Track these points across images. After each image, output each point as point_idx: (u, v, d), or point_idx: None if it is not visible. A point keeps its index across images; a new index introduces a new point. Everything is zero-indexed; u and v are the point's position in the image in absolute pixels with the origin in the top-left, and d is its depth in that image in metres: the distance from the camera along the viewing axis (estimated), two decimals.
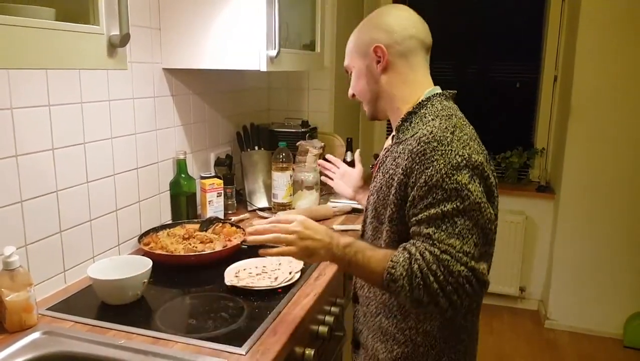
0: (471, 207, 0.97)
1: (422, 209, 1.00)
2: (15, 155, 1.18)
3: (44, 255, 1.28)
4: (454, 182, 0.97)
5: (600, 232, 3.05)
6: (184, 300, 1.33)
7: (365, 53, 1.16)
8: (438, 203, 0.98)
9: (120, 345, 1.07)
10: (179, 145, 1.84)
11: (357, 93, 1.23)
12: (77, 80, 1.35)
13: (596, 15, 2.84)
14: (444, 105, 1.11)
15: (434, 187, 0.98)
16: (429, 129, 1.03)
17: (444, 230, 0.98)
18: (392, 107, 1.18)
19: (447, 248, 0.97)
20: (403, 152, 1.06)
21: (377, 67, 1.15)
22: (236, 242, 1.57)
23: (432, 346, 1.12)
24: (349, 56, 1.22)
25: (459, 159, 0.98)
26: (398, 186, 1.04)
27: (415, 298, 0.98)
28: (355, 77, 1.21)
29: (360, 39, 1.19)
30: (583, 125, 2.98)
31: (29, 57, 0.80)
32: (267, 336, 1.11)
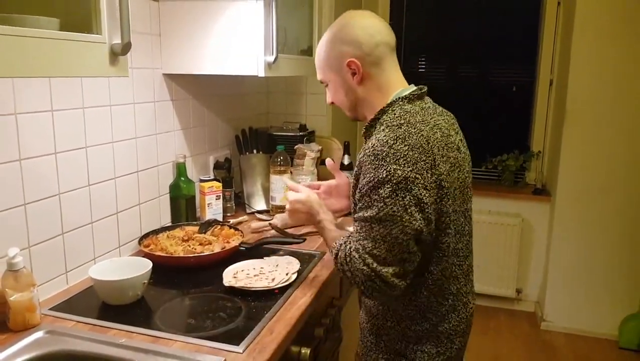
0: (386, 218, 1.09)
1: (357, 210, 1.17)
2: (19, 159, 1.21)
3: (47, 257, 1.31)
4: (375, 193, 1.10)
5: (596, 234, 3.08)
6: (183, 300, 1.36)
7: (339, 68, 1.23)
8: (363, 208, 1.13)
9: (121, 343, 1.10)
10: (179, 149, 1.88)
11: (337, 102, 1.31)
12: (79, 86, 1.38)
13: (591, 20, 2.88)
14: (403, 110, 1.18)
15: (364, 195, 1.13)
16: (375, 141, 1.13)
17: (363, 232, 1.13)
18: (369, 112, 1.25)
19: (358, 247, 1.14)
20: (358, 159, 1.18)
21: (353, 79, 1.23)
22: (234, 244, 1.60)
23: (398, 322, 1.25)
24: (321, 70, 1.29)
25: (385, 174, 1.08)
26: (354, 188, 1.19)
27: (344, 275, 1.19)
28: (333, 89, 1.29)
29: (329, 55, 1.25)
30: (578, 128, 3.01)
31: (33, 66, 0.83)
32: (264, 335, 1.14)
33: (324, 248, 1.70)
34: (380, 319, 1.27)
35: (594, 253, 3.10)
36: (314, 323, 1.41)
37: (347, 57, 1.20)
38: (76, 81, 1.37)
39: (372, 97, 1.23)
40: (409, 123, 1.14)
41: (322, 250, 1.68)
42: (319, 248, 1.70)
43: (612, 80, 2.91)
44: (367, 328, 1.32)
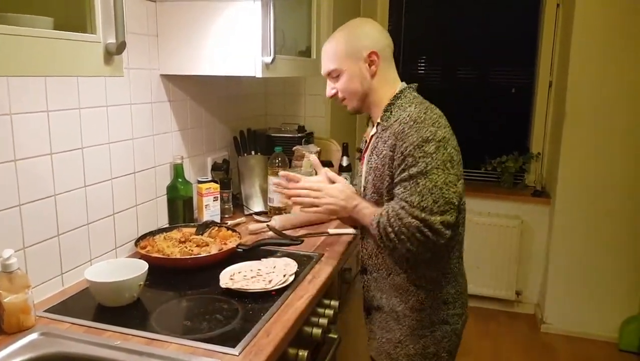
0: (431, 170, 1.24)
1: (398, 174, 1.29)
2: (14, 159, 1.21)
3: (42, 258, 1.30)
4: (422, 151, 1.25)
5: (596, 235, 3.07)
6: (179, 302, 1.35)
7: (358, 57, 1.38)
8: (408, 167, 1.26)
9: (116, 345, 1.09)
10: (176, 150, 1.87)
11: (347, 93, 1.42)
12: (75, 87, 1.37)
13: (590, 21, 2.88)
14: (414, 94, 1.40)
15: (408, 155, 1.26)
16: (408, 113, 1.31)
17: (408, 188, 1.26)
18: (376, 102, 1.42)
19: (405, 204, 1.26)
20: (390, 134, 1.32)
21: (369, 69, 1.39)
22: (232, 246, 1.59)
23: (439, 289, 1.39)
24: (337, 60, 1.40)
25: (428, 134, 1.26)
26: (389, 161, 1.31)
27: (386, 246, 1.33)
28: (347, 79, 1.40)
29: (352, 45, 1.38)
30: (578, 130, 3.01)
31: (27, 65, 0.83)
32: (261, 338, 1.13)
33: (322, 249, 1.69)
34: (422, 293, 1.38)
35: (594, 255, 3.09)
36: (312, 325, 1.40)
37: (368, 49, 1.36)
38: (72, 81, 1.36)
39: (382, 88, 1.40)
40: (423, 102, 1.36)
41: (320, 251, 1.67)
42: (317, 250, 1.69)
43: (611, 81, 2.91)
44: (404, 312, 1.40)
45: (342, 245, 1.75)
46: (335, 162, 2.46)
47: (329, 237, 1.83)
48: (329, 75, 1.44)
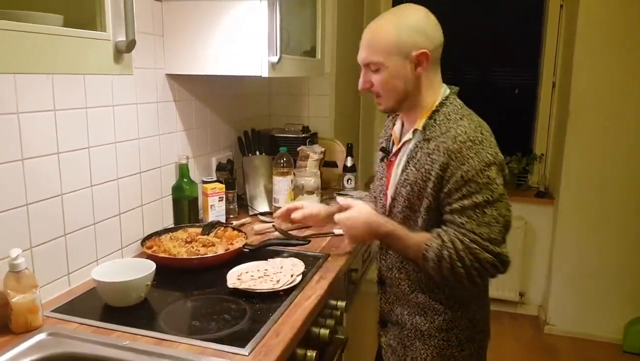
0: (497, 198, 1.16)
1: (456, 200, 1.18)
2: (22, 158, 1.20)
3: (49, 258, 1.30)
4: (485, 177, 1.15)
5: (599, 237, 3.07)
6: (186, 302, 1.35)
7: (406, 54, 1.22)
8: (471, 195, 1.16)
9: (124, 345, 1.08)
10: (182, 150, 1.86)
11: (385, 91, 1.27)
12: (82, 86, 1.37)
13: (594, 22, 2.87)
14: (458, 102, 1.29)
15: (469, 180, 1.15)
16: (463, 129, 1.19)
17: (474, 219, 1.17)
18: (415, 106, 1.29)
19: (477, 238, 1.16)
20: (437, 148, 1.20)
21: (415, 70, 1.24)
22: (238, 246, 1.58)
23: (466, 308, 1.32)
24: (381, 52, 1.22)
25: (490, 157, 1.16)
26: (436, 180, 1.20)
27: (443, 276, 1.22)
28: (388, 76, 1.24)
29: (402, 40, 1.21)
30: (581, 131, 3.00)
31: (37, 63, 0.82)
32: (270, 338, 1.13)
33: (328, 250, 1.69)
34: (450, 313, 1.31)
35: (598, 256, 3.09)
36: (319, 326, 1.39)
37: (419, 47, 1.21)
38: (79, 80, 1.36)
39: (425, 92, 1.28)
40: (472, 114, 1.25)
41: (326, 252, 1.66)
42: (323, 250, 1.68)
43: (615, 82, 2.90)
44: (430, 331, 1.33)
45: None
46: (339, 163, 2.46)
47: (335, 237, 1.82)
48: (366, 65, 1.28)
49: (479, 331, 1.36)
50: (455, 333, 1.32)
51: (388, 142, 1.44)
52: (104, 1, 0.93)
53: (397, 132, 1.39)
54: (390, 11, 1.27)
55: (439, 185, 1.20)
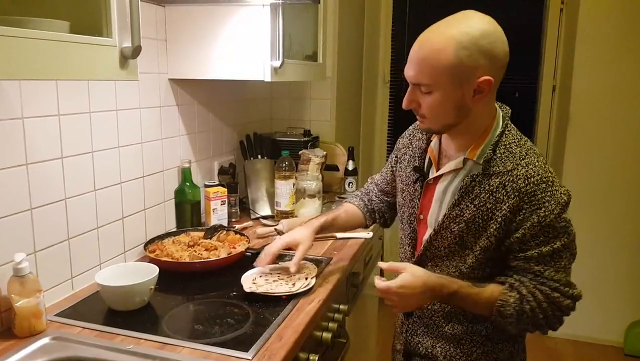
0: (572, 239, 1.10)
1: (532, 246, 1.08)
2: (26, 163, 1.20)
3: (53, 262, 1.30)
4: (563, 220, 1.07)
5: (600, 239, 3.07)
6: (189, 306, 1.35)
7: (466, 81, 1.04)
8: (549, 241, 1.07)
9: (128, 350, 1.08)
10: (184, 154, 1.87)
11: (433, 115, 1.10)
12: (85, 91, 1.37)
13: (594, 26, 2.88)
14: (515, 131, 1.16)
15: (547, 226, 1.06)
16: (534, 169, 1.08)
17: (552, 266, 1.09)
18: (467, 132, 1.13)
19: (557, 285, 1.09)
20: (503, 187, 1.08)
21: (472, 98, 1.06)
22: (240, 250, 1.59)
23: (507, 338, 1.23)
24: (438, 76, 1.04)
25: (565, 198, 1.07)
26: (503, 222, 1.09)
27: (519, 328, 1.14)
28: (440, 101, 1.06)
29: (463, 63, 1.02)
30: (581, 134, 3.01)
31: (44, 69, 0.82)
32: (273, 342, 1.13)
33: (330, 253, 1.69)
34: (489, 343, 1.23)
35: (599, 258, 3.09)
36: (322, 329, 1.40)
37: (482, 73, 1.03)
38: (83, 86, 1.36)
39: (479, 118, 1.12)
40: (533, 147, 1.13)
41: (328, 255, 1.67)
42: (325, 254, 1.69)
43: (615, 86, 2.91)
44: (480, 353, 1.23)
45: (350, 248, 1.75)
46: (341, 166, 2.46)
47: (337, 240, 1.83)
48: (414, 83, 1.09)
49: (519, 351, 1.28)
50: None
51: (421, 160, 1.26)
52: (110, 7, 0.94)
53: (435, 151, 1.23)
54: (451, 22, 1.05)
55: (507, 227, 1.09)
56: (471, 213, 1.12)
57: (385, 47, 3.46)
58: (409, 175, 1.28)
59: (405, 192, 1.30)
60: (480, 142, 1.13)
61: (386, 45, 3.46)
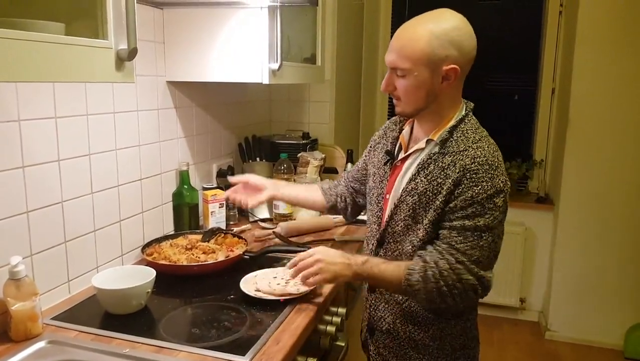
0: (496, 225, 1.16)
1: (459, 218, 1.17)
2: (22, 166, 1.20)
3: (49, 265, 1.30)
4: (492, 202, 1.15)
5: (600, 242, 3.06)
6: (186, 309, 1.34)
7: (436, 67, 1.16)
8: (474, 217, 1.15)
9: (124, 353, 1.08)
10: (182, 157, 1.86)
11: (407, 97, 1.22)
12: (83, 93, 1.37)
13: (593, 28, 2.88)
14: (474, 121, 1.27)
15: (477, 203, 1.15)
16: (482, 151, 1.17)
17: (470, 241, 1.16)
18: (433, 116, 1.25)
19: (464, 259, 1.16)
20: (453, 164, 1.18)
21: (441, 84, 1.19)
22: (238, 252, 1.58)
23: (459, 317, 1.30)
24: (411, 60, 1.17)
25: (501, 185, 1.16)
26: (447, 194, 1.18)
27: (429, 299, 1.19)
28: (414, 84, 1.19)
29: (434, 51, 1.15)
30: (581, 136, 3.01)
31: (39, 71, 0.82)
32: (270, 345, 1.12)
33: None
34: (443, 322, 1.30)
35: (598, 261, 3.08)
36: (320, 333, 1.39)
37: (450, 62, 1.16)
38: (80, 88, 1.36)
39: (445, 105, 1.24)
40: (488, 137, 1.24)
41: None
42: None
43: (614, 88, 2.91)
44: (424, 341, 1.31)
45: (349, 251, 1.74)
46: (339, 169, 2.46)
47: (335, 243, 1.82)
48: (393, 68, 1.22)
49: (471, 338, 1.36)
50: (449, 340, 1.31)
51: (393, 146, 1.39)
52: (105, 9, 0.94)
53: (405, 137, 1.35)
54: (427, 17, 1.20)
55: (448, 199, 1.18)
56: (424, 186, 1.22)
57: (384, 49, 3.46)
58: (381, 159, 1.40)
59: (375, 175, 1.40)
60: (442, 126, 1.25)
61: (385, 47, 3.45)
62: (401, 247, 1.29)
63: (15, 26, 0.79)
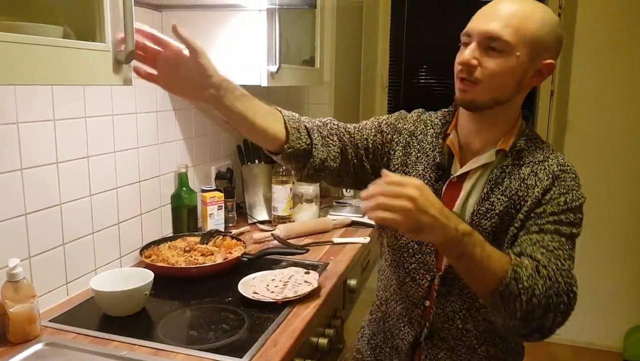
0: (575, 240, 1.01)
1: (550, 222, 0.98)
2: (21, 168, 1.20)
3: (47, 267, 1.30)
4: (580, 212, 1.01)
5: (599, 244, 3.06)
6: (185, 311, 1.34)
7: (537, 56, 0.99)
8: (570, 224, 0.99)
9: (122, 356, 1.08)
10: (181, 159, 1.87)
11: (491, 83, 0.99)
12: (81, 96, 1.37)
13: (592, 31, 2.89)
14: None
15: (570, 210, 0.99)
16: (563, 160, 1.06)
17: (566, 249, 0.96)
18: (499, 122, 1.07)
19: (568, 266, 0.95)
20: (535, 174, 1.03)
21: (531, 78, 1.02)
22: (237, 255, 1.58)
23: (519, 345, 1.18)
24: (520, 36, 0.97)
25: (583, 198, 1.03)
26: (533, 204, 1.01)
27: (529, 309, 0.88)
28: (509, 68, 0.98)
29: (544, 38, 0.99)
30: (580, 139, 3.01)
31: (37, 74, 0.82)
32: (268, 348, 1.12)
33: (327, 258, 1.68)
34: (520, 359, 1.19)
35: (598, 264, 3.08)
36: (318, 335, 1.39)
37: (550, 56, 1.01)
38: (78, 90, 1.36)
39: (516, 107, 1.07)
40: None
41: (325, 260, 1.66)
42: (322, 259, 1.68)
43: (613, 90, 2.91)
44: None
45: (347, 254, 1.74)
46: None
47: (334, 245, 1.83)
48: (488, 38, 0.97)
49: None
50: None
51: (442, 156, 1.12)
52: (103, 12, 0.94)
53: (455, 145, 1.12)
54: (532, 1, 1.02)
55: (534, 209, 1.00)
56: (503, 205, 1.03)
57: (383, 51, 3.46)
58: (424, 172, 1.13)
59: None
60: (510, 135, 1.07)
61: (384, 49, 3.46)
62: None
63: (12, 29, 0.79)
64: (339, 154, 1.18)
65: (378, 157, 1.22)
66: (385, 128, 1.23)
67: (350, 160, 1.20)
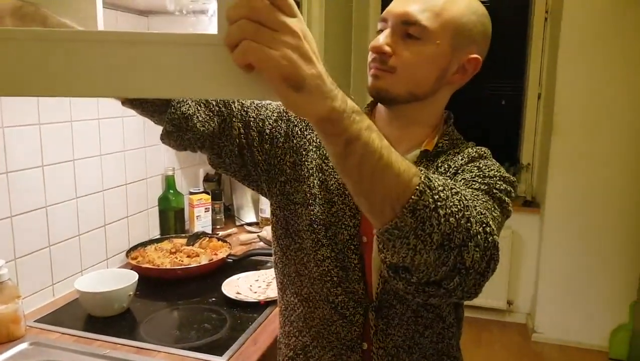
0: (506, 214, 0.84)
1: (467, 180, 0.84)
2: (6, 171, 1.23)
3: (33, 269, 1.32)
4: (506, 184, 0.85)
5: (585, 245, 3.10)
6: (169, 312, 1.37)
7: (459, 48, 0.87)
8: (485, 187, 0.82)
9: (104, 355, 1.10)
10: (168, 162, 1.89)
11: (408, 72, 0.85)
12: (66, 100, 1.40)
13: (577, 34, 2.93)
14: None
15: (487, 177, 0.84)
16: (480, 148, 0.96)
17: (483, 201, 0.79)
18: (422, 121, 0.93)
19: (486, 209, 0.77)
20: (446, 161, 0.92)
21: (453, 74, 0.90)
22: (222, 256, 1.61)
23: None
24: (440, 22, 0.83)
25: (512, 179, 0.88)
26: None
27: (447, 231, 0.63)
28: (428, 56, 0.84)
29: (467, 28, 0.87)
30: (566, 140, 3.05)
31: None
32: (248, 346, 1.15)
33: None
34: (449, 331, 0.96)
35: (584, 264, 3.12)
36: None
37: (475, 51, 0.90)
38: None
39: (440, 106, 0.94)
40: None
41: None
42: None
43: (599, 93, 2.95)
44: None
45: None
46: None
47: None
48: (404, 22, 0.83)
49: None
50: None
51: None
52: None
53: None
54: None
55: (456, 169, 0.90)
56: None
57: None
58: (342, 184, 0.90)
59: (335, 205, 0.91)
60: (434, 134, 0.94)
61: None
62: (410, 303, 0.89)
63: None
64: (213, 119, 0.93)
65: (278, 152, 0.96)
66: (294, 118, 0.98)
67: (236, 137, 0.94)
